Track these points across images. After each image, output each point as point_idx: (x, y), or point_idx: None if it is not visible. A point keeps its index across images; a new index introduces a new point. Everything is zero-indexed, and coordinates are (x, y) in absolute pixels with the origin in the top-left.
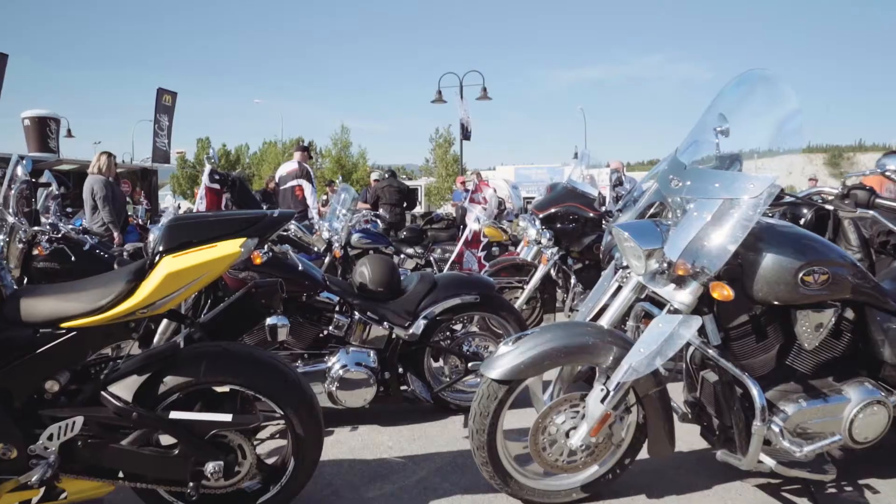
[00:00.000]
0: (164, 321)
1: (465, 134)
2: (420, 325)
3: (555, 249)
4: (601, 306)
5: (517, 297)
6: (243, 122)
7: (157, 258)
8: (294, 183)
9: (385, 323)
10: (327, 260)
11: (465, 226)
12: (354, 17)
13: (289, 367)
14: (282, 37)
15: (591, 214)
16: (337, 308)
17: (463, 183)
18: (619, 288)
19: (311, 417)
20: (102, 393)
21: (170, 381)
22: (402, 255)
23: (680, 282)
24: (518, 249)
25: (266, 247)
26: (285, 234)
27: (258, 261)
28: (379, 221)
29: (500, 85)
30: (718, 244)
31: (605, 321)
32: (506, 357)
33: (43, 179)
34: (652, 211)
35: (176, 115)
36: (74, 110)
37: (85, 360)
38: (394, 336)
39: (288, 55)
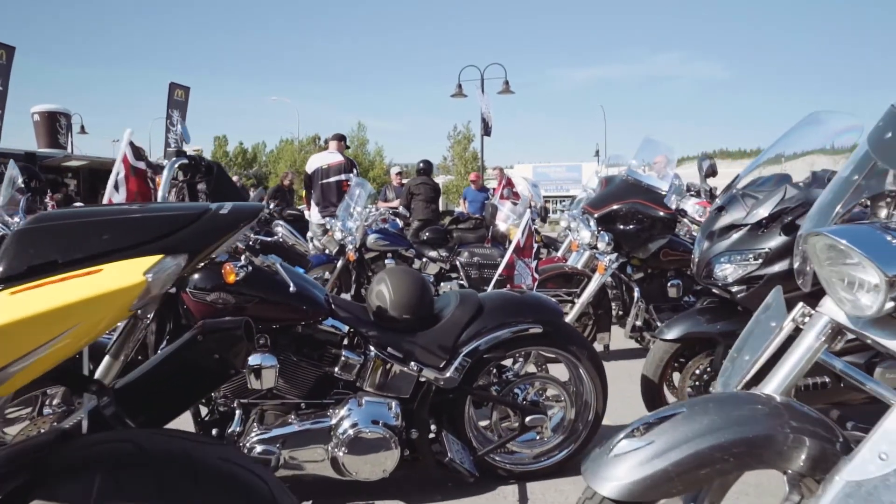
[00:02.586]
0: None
1: (486, 129)
2: (460, 365)
3: (613, 256)
4: (759, 362)
5: (566, 313)
6: (259, 121)
7: None
8: (342, 177)
9: (412, 363)
10: (340, 264)
11: (494, 225)
12: (370, 16)
13: (262, 475)
14: (298, 34)
15: (662, 213)
16: (346, 342)
17: (474, 181)
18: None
19: None
20: None
21: None
22: (425, 259)
23: None
24: (560, 253)
25: (244, 258)
26: (270, 240)
27: (231, 278)
28: (398, 220)
29: (515, 83)
30: None
31: (772, 387)
32: (630, 459)
33: (9, 169)
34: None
35: (193, 113)
36: (89, 107)
37: None
38: (423, 380)
39: (304, 53)
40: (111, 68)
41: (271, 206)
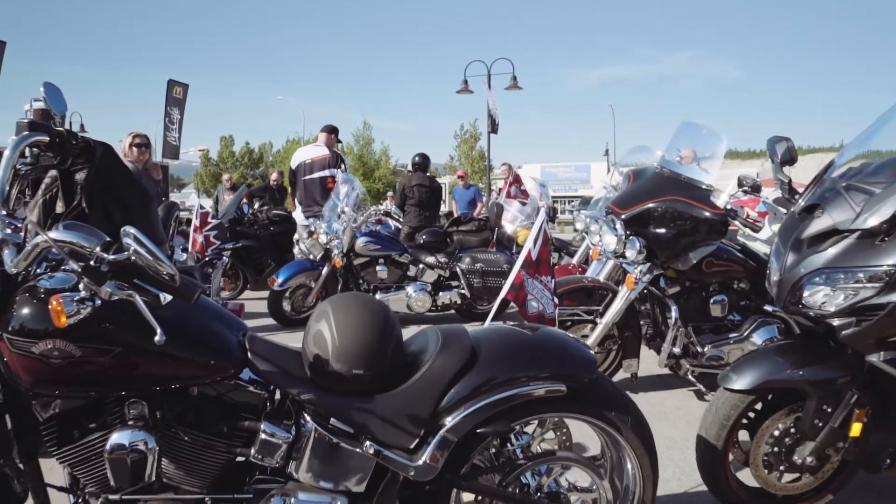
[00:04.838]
0: None
1: (493, 127)
2: (441, 445)
3: (645, 266)
4: None
5: (586, 336)
6: (266, 120)
7: None
8: (326, 173)
9: (367, 441)
10: (325, 271)
11: (499, 228)
12: (377, 15)
13: None
14: (303, 33)
15: (708, 214)
16: (269, 408)
17: (462, 177)
18: None
19: None
20: None
21: None
22: (421, 266)
23: None
24: (575, 260)
25: (83, 287)
26: (125, 259)
27: (62, 320)
28: (391, 223)
29: (523, 83)
30: None
31: None
32: None
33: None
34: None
35: (199, 113)
36: (92, 106)
37: None
38: (387, 467)
39: (309, 52)
40: (116, 67)
41: (255, 205)
